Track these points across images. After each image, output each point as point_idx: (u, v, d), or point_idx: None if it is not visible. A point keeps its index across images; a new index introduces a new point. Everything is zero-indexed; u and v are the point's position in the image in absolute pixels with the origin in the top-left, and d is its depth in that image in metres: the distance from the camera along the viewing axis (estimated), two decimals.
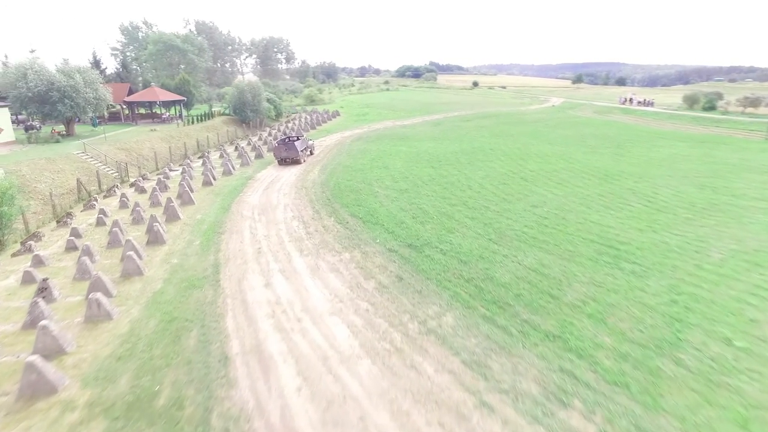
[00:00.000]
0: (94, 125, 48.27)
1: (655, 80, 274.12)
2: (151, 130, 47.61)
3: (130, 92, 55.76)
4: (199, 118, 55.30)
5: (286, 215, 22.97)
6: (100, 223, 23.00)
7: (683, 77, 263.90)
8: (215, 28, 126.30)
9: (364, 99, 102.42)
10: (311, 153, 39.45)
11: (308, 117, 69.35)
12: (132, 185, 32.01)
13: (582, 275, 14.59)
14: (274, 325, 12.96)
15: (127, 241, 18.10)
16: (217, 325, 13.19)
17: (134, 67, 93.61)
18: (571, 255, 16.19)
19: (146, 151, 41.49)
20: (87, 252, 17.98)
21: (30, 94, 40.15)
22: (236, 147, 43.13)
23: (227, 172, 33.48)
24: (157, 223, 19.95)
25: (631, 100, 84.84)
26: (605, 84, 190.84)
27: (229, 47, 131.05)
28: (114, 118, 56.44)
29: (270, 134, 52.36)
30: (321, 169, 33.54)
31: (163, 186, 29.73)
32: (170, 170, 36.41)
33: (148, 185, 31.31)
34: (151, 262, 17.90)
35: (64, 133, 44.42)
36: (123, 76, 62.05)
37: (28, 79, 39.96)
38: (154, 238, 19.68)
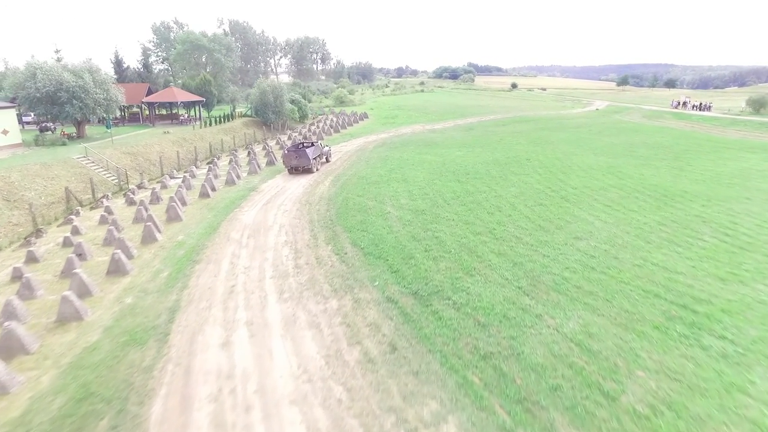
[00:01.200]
0: (107, 127, 46.31)
1: (707, 82, 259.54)
2: (165, 132, 45.34)
3: (150, 92, 53.88)
4: (218, 119, 52.88)
5: (278, 240, 19.49)
6: (67, 243, 20.12)
7: (738, 78, 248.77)
8: (249, 27, 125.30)
9: (397, 101, 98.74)
10: (327, 160, 36.04)
11: (334, 119, 66.16)
12: (125, 195, 29.30)
13: (647, 356, 10.39)
14: (211, 418, 9.38)
15: (74, 274, 14.95)
16: (139, 411, 9.73)
17: (164, 67, 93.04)
18: (629, 319, 11.96)
19: (154, 155, 39.05)
20: (26, 286, 14.92)
21: (38, 95, 38.41)
22: (249, 152, 40.25)
23: (230, 182, 30.39)
24: (119, 251, 16.77)
25: (684, 103, 77.89)
26: (653, 86, 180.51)
27: (263, 47, 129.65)
28: (133, 119, 54.74)
29: (290, 137, 49.30)
30: (333, 180, 30.01)
31: (155, 197, 26.86)
32: (171, 178, 33.68)
33: (142, 195, 28.51)
34: (101, 302, 14.70)
35: (75, 135, 42.59)
36: (144, 75, 60.53)
37: (36, 79, 38.20)
38: (115, 268, 16.54)
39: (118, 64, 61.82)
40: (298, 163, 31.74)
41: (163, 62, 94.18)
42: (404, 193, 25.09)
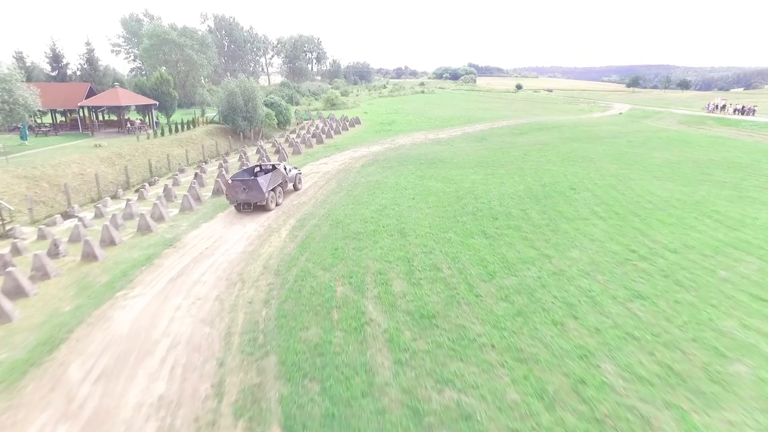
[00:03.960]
0: (22, 137, 36.52)
1: (709, 83, 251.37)
2: (96, 145, 35.41)
3: (92, 94, 43.99)
4: (177, 127, 43.00)
5: (147, 396, 9.68)
6: None
7: (742, 80, 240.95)
8: (236, 24, 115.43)
9: (394, 103, 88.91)
10: (295, 188, 26.24)
11: (321, 125, 56.32)
12: None
13: None
14: None
15: None
16: None
17: (137, 65, 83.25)
18: None
19: (69, 177, 29.14)
20: None
21: None
22: (196, 173, 30.40)
23: (145, 228, 20.53)
24: None
25: (723, 107, 68.16)
26: (665, 88, 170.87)
27: (251, 45, 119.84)
28: (74, 126, 44.85)
29: (259, 151, 39.33)
30: (295, 225, 20.22)
31: (15, 250, 17.08)
32: (66, 217, 23.84)
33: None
34: None
35: None
36: (89, 73, 50.60)
37: None
38: None
39: (55, 59, 51.83)
40: (248, 198, 21.92)
41: (135, 59, 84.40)
42: (399, 265, 15.25)
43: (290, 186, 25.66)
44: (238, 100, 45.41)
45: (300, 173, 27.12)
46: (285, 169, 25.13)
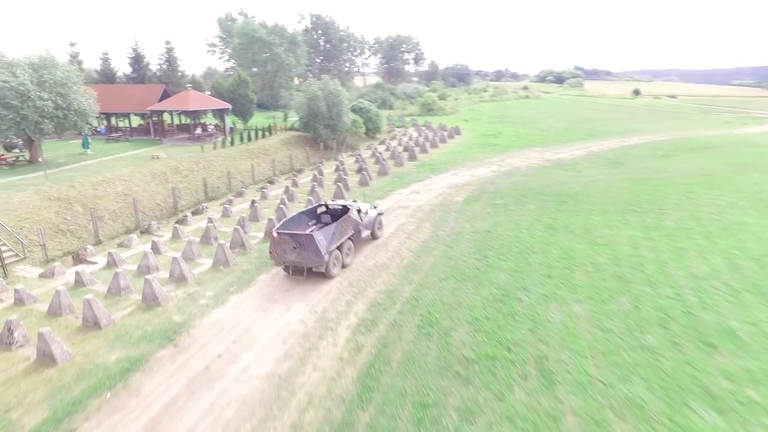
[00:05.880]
0: (84, 145, 32.83)
1: None
2: (153, 156, 30.72)
3: (166, 96, 40.12)
4: (249, 135, 37.80)
5: None
6: None
7: None
8: (332, 23, 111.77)
9: (497, 109, 79.29)
10: (373, 236, 18.87)
11: (415, 135, 49.06)
12: None
13: None
14: None
15: None
16: None
17: (231, 64, 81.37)
18: None
19: (110, 199, 24.26)
20: None
21: None
22: (254, 201, 24.20)
23: (150, 298, 14.21)
24: None
25: None
26: None
27: (344, 44, 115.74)
28: (145, 130, 41.41)
29: (340, 168, 32.60)
30: (361, 321, 12.85)
31: None
32: (76, 260, 18.38)
33: None
34: None
35: (23, 159, 29.22)
36: (166, 74, 47.20)
37: None
38: None
39: (136, 60, 49.20)
40: (300, 260, 14.89)
41: (229, 59, 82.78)
42: None
43: (367, 233, 18.31)
44: (321, 105, 39.29)
45: (381, 214, 19.68)
46: (359, 212, 17.84)
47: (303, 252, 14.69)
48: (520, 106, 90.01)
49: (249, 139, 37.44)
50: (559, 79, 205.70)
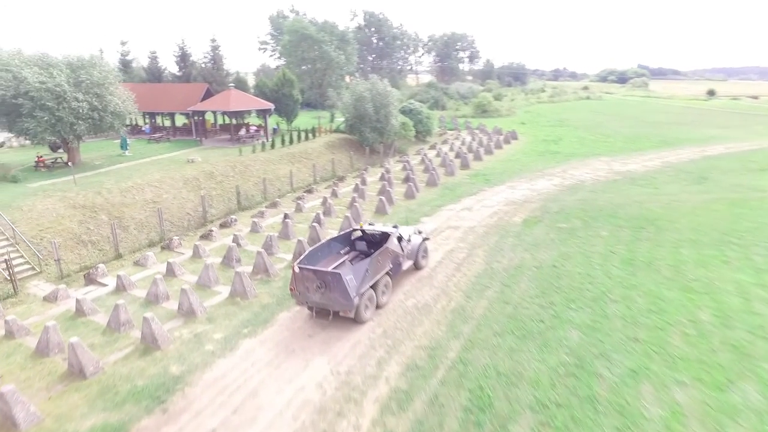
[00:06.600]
0: (122, 147, 31.87)
1: None
2: (189, 160, 29.25)
3: (209, 96, 38.90)
4: (291, 137, 35.92)
5: None
6: None
7: None
8: (385, 20, 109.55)
9: (556, 111, 74.31)
10: (416, 265, 16.09)
11: (468, 140, 45.87)
12: None
13: None
14: None
15: None
16: None
17: (282, 62, 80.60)
18: None
19: (137, 207, 22.79)
20: None
21: None
22: (287, 214, 22.02)
23: (149, 339, 12.13)
24: None
25: None
26: None
27: (398, 42, 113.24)
28: (188, 130, 40.43)
29: (385, 177, 30.02)
30: (391, 393, 10.16)
31: None
32: (88, 280, 16.69)
33: None
34: None
35: (61, 161, 28.43)
36: (210, 73, 45.96)
37: None
38: None
39: (182, 59, 48.44)
40: (324, 302, 12.40)
41: (279, 57, 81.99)
42: None
43: (409, 264, 15.58)
44: (367, 107, 36.87)
45: (427, 239, 16.87)
46: (400, 241, 15.10)
47: (328, 293, 12.19)
48: (581, 107, 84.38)
49: (291, 141, 35.52)
50: (622, 79, 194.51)
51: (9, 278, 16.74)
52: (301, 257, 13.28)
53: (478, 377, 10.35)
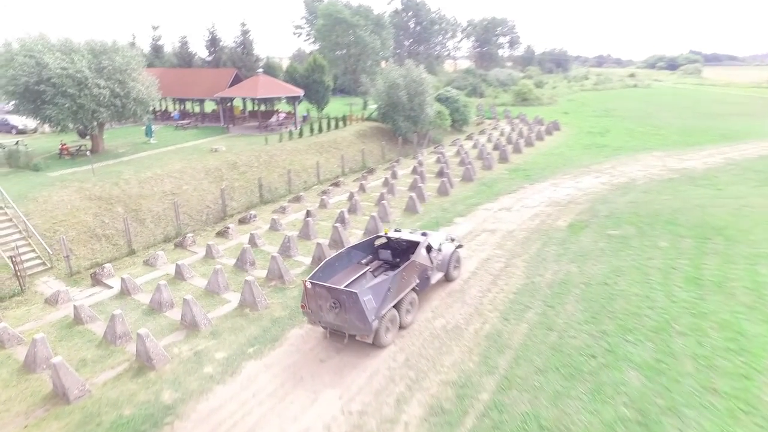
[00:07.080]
0: (147, 134, 31.07)
1: None
2: (212, 149, 28.16)
3: (238, 81, 37.77)
4: (321, 125, 34.45)
5: None
6: None
7: None
8: (423, 4, 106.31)
9: (602, 99, 70.24)
10: (447, 277, 14.30)
11: (507, 130, 43.43)
12: None
13: None
14: None
15: None
16: None
17: (316, 47, 79.08)
18: None
19: (156, 199, 21.79)
20: None
21: (11, 88, 24.09)
22: (309, 211, 20.60)
23: (144, 357, 10.86)
24: None
25: None
26: None
27: (436, 26, 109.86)
28: (216, 117, 39.51)
29: (416, 169, 28.20)
30: None
31: None
32: (94, 280, 15.69)
33: None
34: None
35: (85, 149, 27.77)
36: (240, 57, 44.60)
37: (14, 65, 23.75)
38: None
39: (212, 43, 47.29)
40: (339, 323, 10.84)
41: (314, 42, 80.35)
42: None
43: (439, 276, 13.82)
44: (401, 95, 34.94)
45: (460, 246, 15.02)
46: (429, 251, 13.32)
47: (344, 314, 10.60)
48: (628, 96, 79.66)
49: (320, 129, 34.04)
50: (672, 66, 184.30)
51: (16, 275, 15.94)
52: (315, 270, 11.70)
53: (515, 430, 8.57)
